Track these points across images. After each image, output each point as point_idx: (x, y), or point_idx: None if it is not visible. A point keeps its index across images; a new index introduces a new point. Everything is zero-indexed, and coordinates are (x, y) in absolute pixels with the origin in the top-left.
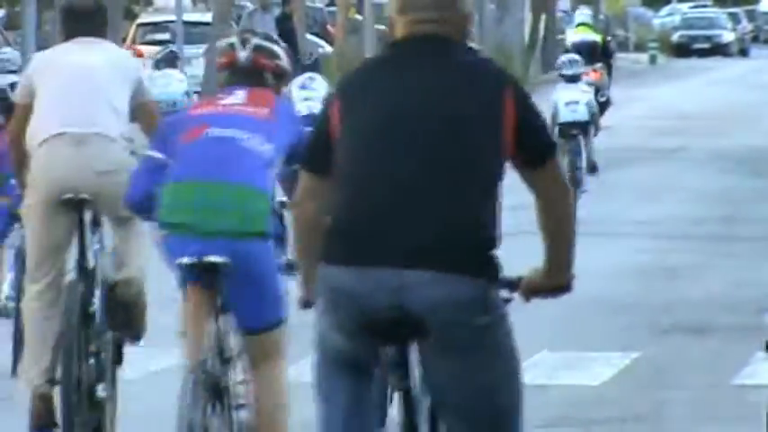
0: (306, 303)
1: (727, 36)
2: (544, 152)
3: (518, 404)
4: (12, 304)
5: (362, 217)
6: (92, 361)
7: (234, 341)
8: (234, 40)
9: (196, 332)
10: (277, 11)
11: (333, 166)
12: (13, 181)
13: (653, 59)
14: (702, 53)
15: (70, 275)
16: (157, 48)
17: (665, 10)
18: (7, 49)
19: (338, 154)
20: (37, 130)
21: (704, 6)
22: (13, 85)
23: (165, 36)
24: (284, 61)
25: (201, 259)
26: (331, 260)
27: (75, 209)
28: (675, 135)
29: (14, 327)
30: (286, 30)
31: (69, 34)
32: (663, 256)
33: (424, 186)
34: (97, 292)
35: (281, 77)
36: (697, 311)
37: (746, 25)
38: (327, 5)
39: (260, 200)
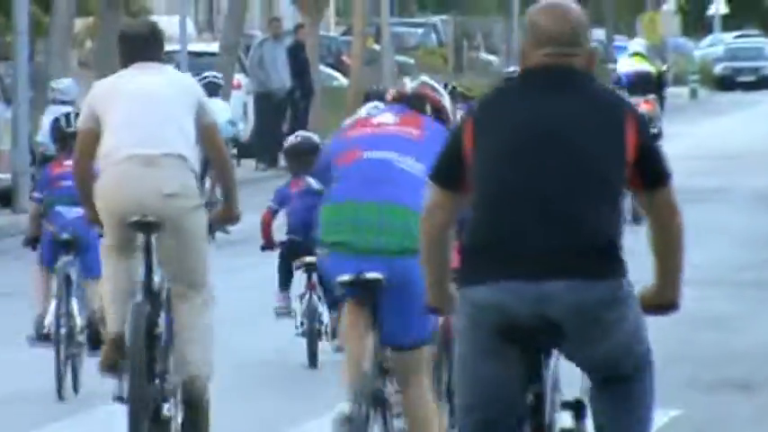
0: (430, 309)
1: None
2: (661, 177)
3: (650, 355)
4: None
5: (503, 233)
6: (157, 380)
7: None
8: (406, 81)
9: (354, 347)
10: (289, 40)
11: (462, 182)
12: (58, 208)
13: (693, 93)
14: (747, 87)
15: (137, 297)
16: None
17: (707, 40)
18: (64, 81)
19: (475, 174)
20: (107, 154)
21: (749, 36)
22: (67, 117)
23: (169, 66)
24: (447, 100)
25: (360, 276)
26: (472, 280)
27: (140, 231)
28: (718, 175)
29: (56, 351)
30: (299, 60)
31: (128, 60)
32: (705, 305)
33: (560, 203)
34: (162, 314)
35: (439, 112)
36: (743, 365)
37: None
38: (343, 34)
39: (415, 218)
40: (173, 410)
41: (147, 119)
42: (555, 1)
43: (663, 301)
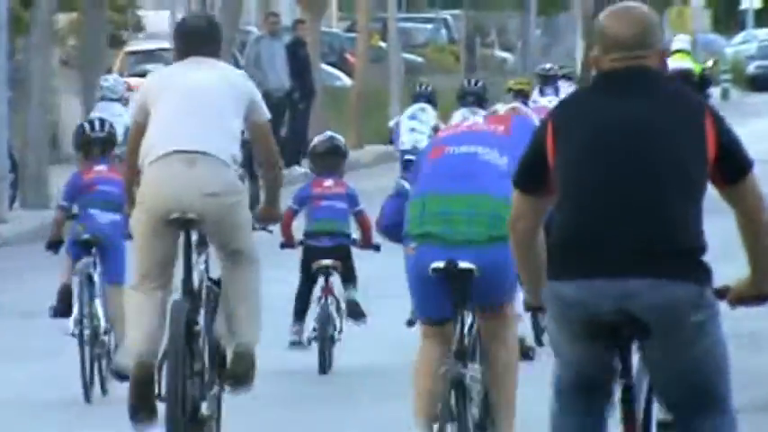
0: (530, 308)
1: None
2: (743, 168)
3: (728, 376)
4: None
5: (587, 233)
6: (196, 379)
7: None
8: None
9: (427, 383)
10: (288, 37)
11: (544, 185)
12: (92, 211)
13: (725, 94)
14: None
15: (176, 294)
16: None
17: (740, 37)
18: (110, 77)
19: (558, 176)
20: (149, 149)
21: None
22: (92, 122)
23: (159, 66)
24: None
25: (452, 264)
26: (558, 276)
27: (181, 228)
28: None
29: (80, 353)
30: (298, 58)
31: (182, 54)
32: (738, 323)
33: (644, 202)
34: (202, 312)
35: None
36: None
37: None
38: (346, 31)
39: (501, 207)
40: (211, 409)
41: (191, 116)
42: (623, 4)
43: (757, 291)
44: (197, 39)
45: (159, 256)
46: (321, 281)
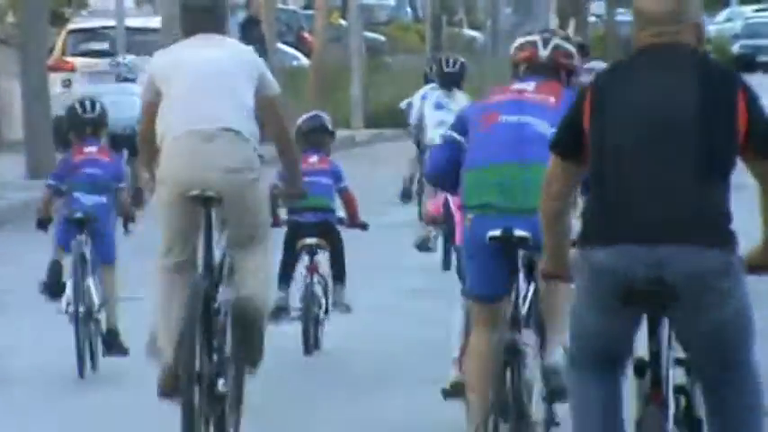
0: (548, 275)
1: None
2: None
3: (752, 340)
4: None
5: (619, 203)
6: (214, 356)
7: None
8: (536, 38)
9: (489, 323)
10: (241, 15)
11: (580, 153)
12: (76, 194)
13: None
14: None
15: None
16: (94, 60)
17: (723, 14)
18: (129, 56)
19: (592, 146)
20: (167, 127)
21: None
22: (83, 104)
23: (104, 46)
24: (577, 60)
25: (509, 231)
26: (591, 243)
27: (202, 205)
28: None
29: (75, 332)
30: (252, 37)
31: (189, 31)
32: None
33: (679, 172)
34: (221, 288)
35: (572, 74)
36: None
37: None
38: (304, 8)
39: None
40: (229, 387)
41: (206, 93)
42: None
43: None
44: (203, 15)
45: (181, 231)
46: (306, 259)
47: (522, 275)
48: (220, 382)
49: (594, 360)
